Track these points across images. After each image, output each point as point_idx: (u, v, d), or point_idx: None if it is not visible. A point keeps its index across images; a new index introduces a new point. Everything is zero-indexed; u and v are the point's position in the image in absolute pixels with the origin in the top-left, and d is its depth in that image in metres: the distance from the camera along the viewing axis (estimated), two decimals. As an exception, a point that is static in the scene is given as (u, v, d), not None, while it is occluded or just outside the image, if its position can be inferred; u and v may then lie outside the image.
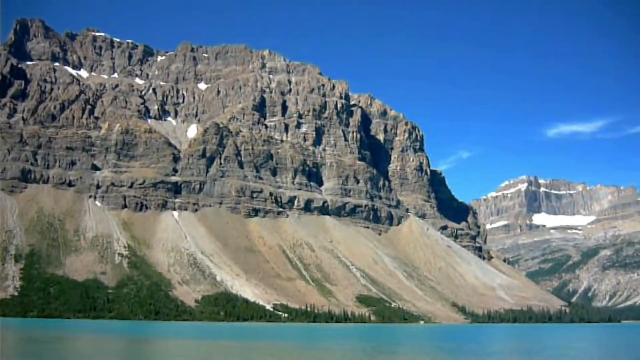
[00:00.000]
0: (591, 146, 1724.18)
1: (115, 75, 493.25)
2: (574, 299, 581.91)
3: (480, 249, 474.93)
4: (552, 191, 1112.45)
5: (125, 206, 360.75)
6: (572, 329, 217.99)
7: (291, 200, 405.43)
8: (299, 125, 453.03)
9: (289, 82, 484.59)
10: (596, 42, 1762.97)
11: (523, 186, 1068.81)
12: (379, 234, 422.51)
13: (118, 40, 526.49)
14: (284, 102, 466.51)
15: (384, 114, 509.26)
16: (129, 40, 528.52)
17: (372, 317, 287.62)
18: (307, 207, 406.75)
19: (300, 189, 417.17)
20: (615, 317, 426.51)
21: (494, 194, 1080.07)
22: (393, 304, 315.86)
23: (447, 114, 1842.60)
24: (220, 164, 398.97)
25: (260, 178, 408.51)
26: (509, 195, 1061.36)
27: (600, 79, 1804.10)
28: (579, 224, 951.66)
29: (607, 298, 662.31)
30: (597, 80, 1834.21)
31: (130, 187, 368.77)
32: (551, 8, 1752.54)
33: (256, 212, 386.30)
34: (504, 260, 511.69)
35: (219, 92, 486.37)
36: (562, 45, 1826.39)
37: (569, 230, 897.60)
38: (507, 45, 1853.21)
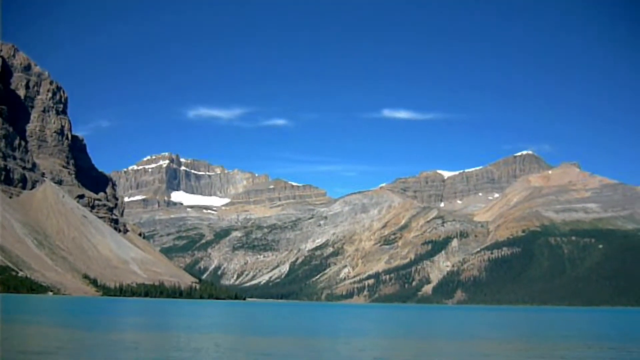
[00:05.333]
0: (230, 132, 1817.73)
1: None
2: (204, 276, 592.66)
3: (116, 221, 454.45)
4: (192, 171, 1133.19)
5: None
6: (198, 305, 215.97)
7: None
8: None
9: None
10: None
11: (164, 163, 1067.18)
12: (10, 197, 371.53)
13: None
14: None
15: (27, 68, 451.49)
16: None
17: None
18: None
19: None
20: (241, 294, 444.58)
21: (135, 167, 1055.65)
22: (20, 273, 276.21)
23: (92, 77, 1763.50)
24: None
25: None
26: (149, 170, 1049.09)
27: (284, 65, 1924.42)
28: (215, 204, 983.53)
29: (235, 277, 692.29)
30: (262, 69, 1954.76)
31: None
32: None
33: None
34: (140, 235, 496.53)
35: None
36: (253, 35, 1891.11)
37: (204, 210, 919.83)
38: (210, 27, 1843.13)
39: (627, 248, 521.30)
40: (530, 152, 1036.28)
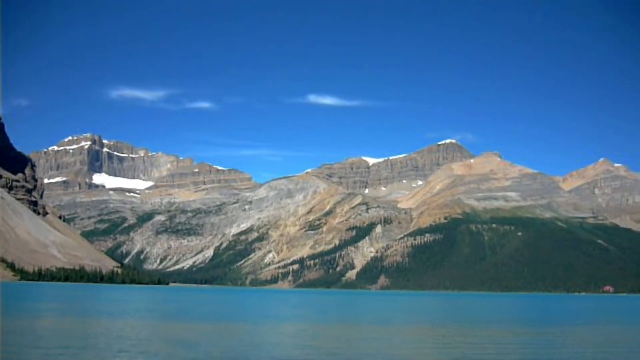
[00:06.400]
0: (154, 114, 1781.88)
1: None
2: (127, 261, 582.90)
3: (35, 203, 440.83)
4: (115, 153, 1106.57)
5: None
6: (119, 290, 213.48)
7: None
8: None
9: None
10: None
11: (86, 144, 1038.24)
12: None
13: None
14: None
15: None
16: None
17: None
18: None
19: None
20: (164, 279, 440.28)
21: (55, 147, 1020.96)
22: None
23: (10, 53, 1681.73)
24: None
25: None
26: (70, 151, 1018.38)
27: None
28: (138, 187, 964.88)
29: (159, 261, 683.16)
30: (187, 51, 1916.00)
31: None
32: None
33: None
34: (60, 218, 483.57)
35: None
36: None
37: (127, 193, 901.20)
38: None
39: (545, 236, 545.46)
40: (453, 140, 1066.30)
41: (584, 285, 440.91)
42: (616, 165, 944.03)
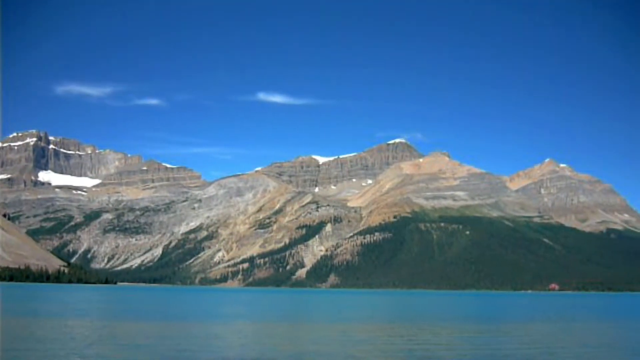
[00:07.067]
0: (101, 110, 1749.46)
1: None
2: (73, 260, 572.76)
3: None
4: (62, 150, 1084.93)
5: None
6: (65, 289, 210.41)
7: None
8: None
9: None
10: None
11: (32, 140, 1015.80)
12: None
13: None
14: None
15: None
16: None
17: None
18: None
19: None
20: (112, 278, 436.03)
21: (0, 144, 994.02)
22: None
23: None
24: None
25: None
26: (15, 147, 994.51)
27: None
28: (85, 185, 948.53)
29: (106, 260, 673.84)
30: (134, 47, 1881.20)
31: None
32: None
33: None
34: (4, 216, 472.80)
35: None
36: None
37: (74, 191, 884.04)
38: None
39: (492, 234, 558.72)
40: (403, 140, 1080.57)
41: (530, 283, 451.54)
42: (562, 165, 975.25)
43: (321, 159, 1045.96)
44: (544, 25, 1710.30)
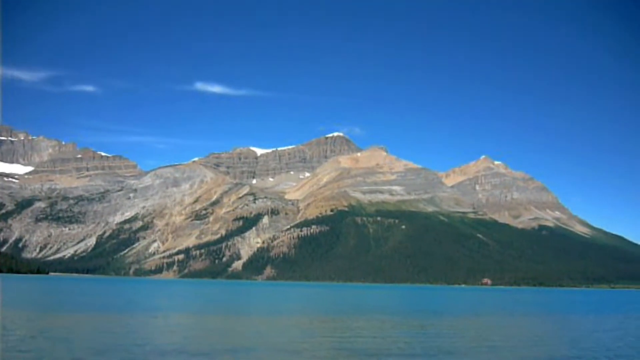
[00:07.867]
0: (35, 95, 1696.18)
1: None
2: (4, 249, 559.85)
3: None
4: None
5: None
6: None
7: None
8: None
9: None
10: None
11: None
12: None
13: None
14: None
15: None
16: None
17: None
18: None
19: None
20: (44, 268, 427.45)
21: None
22: None
23: None
24: None
25: None
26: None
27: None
28: (17, 172, 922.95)
29: (38, 249, 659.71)
30: (70, 31, 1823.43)
31: None
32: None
33: None
34: None
35: None
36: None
37: (5, 178, 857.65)
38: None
39: (428, 229, 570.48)
40: (341, 134, 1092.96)
41: (463, 277, 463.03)
42: (496, 162, 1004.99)
43: (259, 151, 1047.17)
44: (477, 19, 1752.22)
